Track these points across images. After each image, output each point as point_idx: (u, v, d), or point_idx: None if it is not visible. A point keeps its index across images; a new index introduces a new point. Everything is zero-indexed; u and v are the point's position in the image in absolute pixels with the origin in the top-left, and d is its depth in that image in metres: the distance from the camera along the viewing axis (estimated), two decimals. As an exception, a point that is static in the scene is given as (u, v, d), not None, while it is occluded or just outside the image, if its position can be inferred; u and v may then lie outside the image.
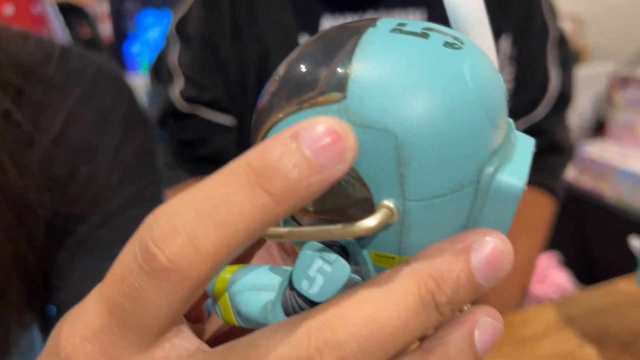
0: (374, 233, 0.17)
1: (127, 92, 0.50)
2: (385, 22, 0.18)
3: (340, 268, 0.16)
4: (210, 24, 0.78)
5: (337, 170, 0.14)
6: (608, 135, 1.71)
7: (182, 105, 0.78)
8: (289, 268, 0.19)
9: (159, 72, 0.82)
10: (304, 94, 0.17)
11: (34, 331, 0.47)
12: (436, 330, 0.17)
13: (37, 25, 1.10)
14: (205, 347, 0.17)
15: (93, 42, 1.67)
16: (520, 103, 0.86)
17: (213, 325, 0.25)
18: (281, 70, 0.18)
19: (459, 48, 0.17)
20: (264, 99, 0.18)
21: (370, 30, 0.17)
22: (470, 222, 0.17)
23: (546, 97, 0.88)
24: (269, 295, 0.18)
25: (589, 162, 1.58)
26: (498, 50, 0.85)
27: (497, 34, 0.84)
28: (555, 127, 0.89)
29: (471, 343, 0.17)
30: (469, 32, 0.21)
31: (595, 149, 1.63)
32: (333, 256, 0.17)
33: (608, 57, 2.10)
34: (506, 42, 0.84)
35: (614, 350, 0.62)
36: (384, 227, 0.16)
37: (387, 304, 0.15)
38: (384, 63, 0.16)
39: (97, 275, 0.46)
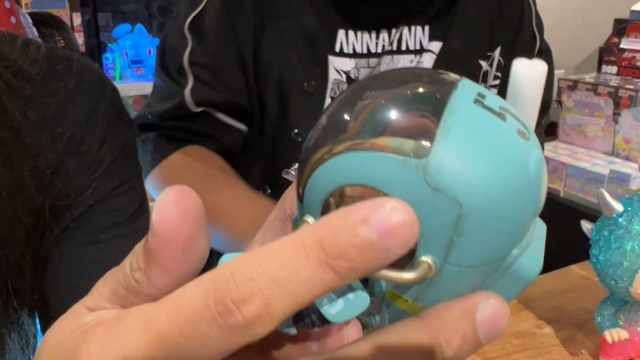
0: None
1: (110, 90, 0.52)
2: (467, 86, 0.19)
3: (361, 299, 0.18)
4: (231, 17, 0.74)
5: (398, 254, 0.15)
6: (559, 136, 1.79)
7: (193, 106, 0.76)
8: None
9: (166, 67, 0.79)
10: (373, 134, 0.17)
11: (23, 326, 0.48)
12: None
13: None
14: None
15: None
16: None
17: None
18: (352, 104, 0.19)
19: (528, 139, 0.18)
20: (312, 139, 0.19)
21: (454, 94, 0.18)
22: (482, 289, 0.19)
23: None
24: None
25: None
26: (493, 60, 0.89)
27: (493, 45, 0.88)
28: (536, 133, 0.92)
29: None
30: (522, 104, 0.23)
31: (547, 149, 1.70)
32: (358, 286, 0.18)
33: (557, 65, 2.19)
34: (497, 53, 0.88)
35: (569, 330, 0.66)
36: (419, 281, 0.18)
37: (405, 349, 0.17)
38: (469, 138, 0.17)
39: (82, 260, 0.49)
